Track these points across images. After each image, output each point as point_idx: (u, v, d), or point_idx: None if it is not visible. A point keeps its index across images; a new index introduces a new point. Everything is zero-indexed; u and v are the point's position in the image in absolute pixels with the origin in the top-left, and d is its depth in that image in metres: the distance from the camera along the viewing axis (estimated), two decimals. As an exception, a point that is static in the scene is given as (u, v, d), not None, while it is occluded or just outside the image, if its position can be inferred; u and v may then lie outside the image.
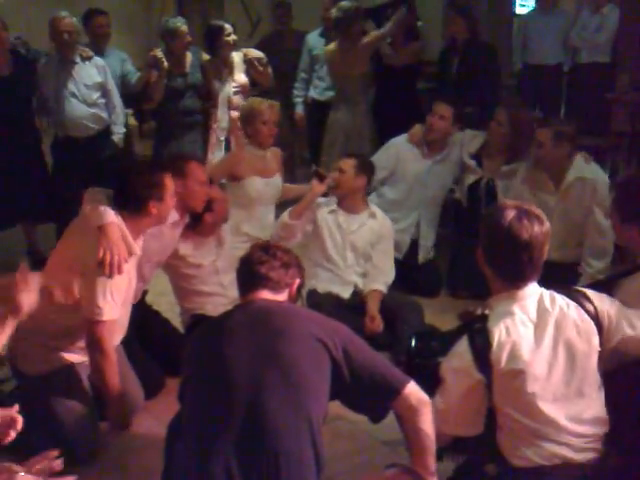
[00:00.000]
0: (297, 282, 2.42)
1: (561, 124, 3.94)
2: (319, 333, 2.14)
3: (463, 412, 2.19)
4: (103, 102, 5.00)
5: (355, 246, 4.02)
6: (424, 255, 4.60)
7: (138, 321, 3.24)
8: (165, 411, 2.63)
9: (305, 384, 2.08)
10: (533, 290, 2.19)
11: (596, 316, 2.19)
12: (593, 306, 2.20)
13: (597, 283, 2.75)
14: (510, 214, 2.14)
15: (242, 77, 5.23)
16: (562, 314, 2.16)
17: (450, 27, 5.48)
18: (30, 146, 4.99)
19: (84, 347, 2.89)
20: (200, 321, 3.18)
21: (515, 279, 2.17)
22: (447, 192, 4.68)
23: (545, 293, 2.20)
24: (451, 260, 4.66)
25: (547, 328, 2.13)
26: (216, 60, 5.16)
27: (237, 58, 5.21)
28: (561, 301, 2.18)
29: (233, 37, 5.15)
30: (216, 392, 2.10)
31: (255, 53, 5.26)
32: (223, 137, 5.19)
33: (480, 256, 2.24)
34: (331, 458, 2.24)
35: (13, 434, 2.02)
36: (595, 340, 2.17)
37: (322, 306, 3.61)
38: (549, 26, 6.65)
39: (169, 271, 3.66)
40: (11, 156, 4.86)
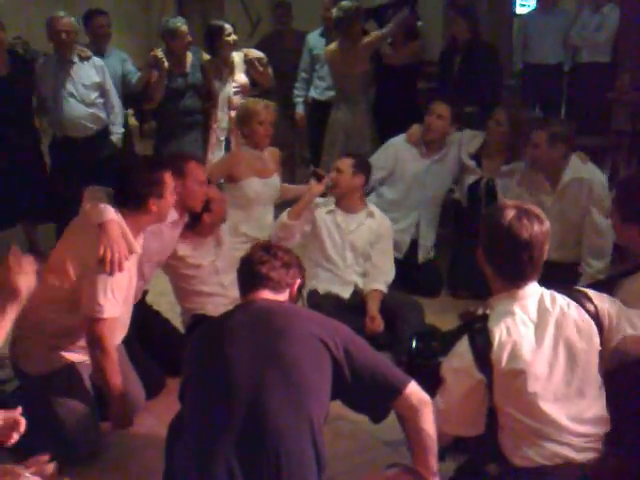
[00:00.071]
0: (298, 282, 2.42)
1: (556, 125, 3.93)
2: (320, 333, 2.14)
3: (464, 412, 2.19)
4: (101, 102, 5.00)
5: (354, 246, 4.02)
6: (424, 255, 4.60)
7: (138, 321, 3.23)
8: (165, 411, 2.63)
9: (306, 384, 2.07)
10: (533, 290, 2.19)
11: (597, 316, 2.19)
12: (594, 306, 2.20)
13: (598, 283, 2.76)
14: (510, 213, 2.14)
15: (242, 77, 5.23)
16: (562, 314, 2.16)
17: (451, 28, 5.48)
18: (29, 146, 4.99)
19: (85, 346, 2.89)
20: (201, 321, 3.17)
21: (515, 278, 2.17)
22: (447, 192, 4.68)
23: (545, 293, 2.20)
24: (451, 260, 4.66)
25: (547, 328, 2.13)
26: (216, 60, 5.16)
27: (237, 58, 5.21)
28: (561, 301, 2.18)
29: (233, 37, 5.15)
30: (217, 392, 2.10)
31: (256, 53, 5.26)
32: (223, 137, 5.19)
33: (480, 256, 2.24)
34: (332, 458, 2.24)
35: (16, 437, 2.00)
36: (596, 340, 2.17)
37: (322, 307, 3.61)
38: (549, 26, 6.65)
39: (169, 272, 3.66)
40: (10, 156, 4.87)
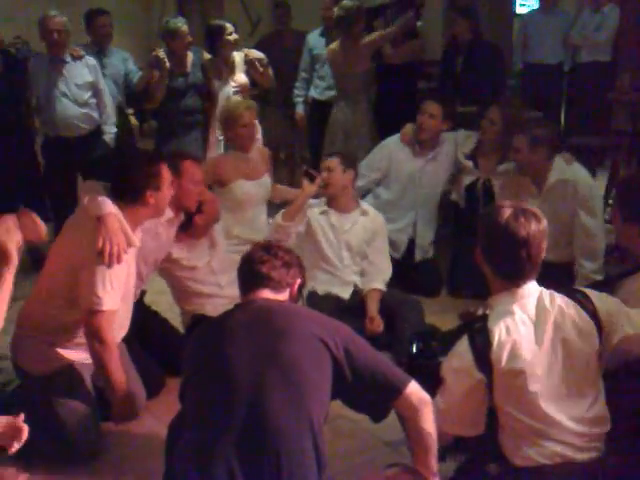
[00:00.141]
0: (298, 282, 2.42)
1: (537, 128, 3.90)
2: (320, 332, 2.14)
3: (464, 412, 2.19)
4: (94, 102, 4.98)
5: (350, 245, 4.01)
6: (421, 254, 4.60)
7: (137, 321, 3.22)
8: (165, 411, 2.63)
9: (306, 384, 2.07)
10: (533, 289, 2.19)
11: (596, 315, 2.18)
12: (593, 305, 2.20)
13: (598, 283, 2.76)
14: (507, 212, 2.16)
15: (242, 77, 5.22)
16: (562, 313, 2.16)
17: (452, 28, 5.48)
18: (23, 146, 4.98)
19: (81, 343, 2.89)
20: (200, 321, 3.16)
21: (514, 277, 2.18)
22: (443, 190, 4.67)
23: (545, 292, 2.20)
24: (451, 260, 4.66)
25: (547, 327, 2.13)
26: (217, 59, 5.16)
27: (238, 58, 5.21)
28: (560, 300, 2.18)
29: (235, 36, 5.15)
30: (217, 392, 2.09)
31: (256, 54, 5.26)
32: (222, 136, 5.19)
33: (479, 255, 2.25)
34: (332, 457, 2.23)
35: (17, 446, 1.98)
36: (595, 339, 2.17)
37: (321, 308, 3.59)
38: (549, 25, 6.66)
39: (165, 275, 3.64)
40: (4, 156, 4.84)
